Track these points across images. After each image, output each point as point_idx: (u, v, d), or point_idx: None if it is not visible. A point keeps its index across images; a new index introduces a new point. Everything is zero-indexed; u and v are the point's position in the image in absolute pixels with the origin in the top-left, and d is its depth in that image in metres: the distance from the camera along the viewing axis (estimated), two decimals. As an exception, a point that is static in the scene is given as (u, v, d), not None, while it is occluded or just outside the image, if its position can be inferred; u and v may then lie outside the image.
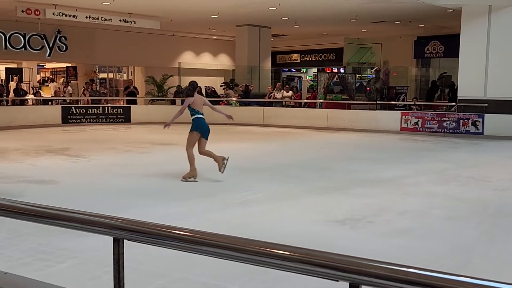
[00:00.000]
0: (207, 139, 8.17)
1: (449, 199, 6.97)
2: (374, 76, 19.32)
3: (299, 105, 19.13)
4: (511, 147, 12.95)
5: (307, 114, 17.75)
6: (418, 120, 15.49)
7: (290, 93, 19.01)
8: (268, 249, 1.63)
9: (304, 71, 28.88)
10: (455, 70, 16.43)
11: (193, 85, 8.39)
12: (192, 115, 8.29)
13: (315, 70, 26.95)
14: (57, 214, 1.77)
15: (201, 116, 8.35)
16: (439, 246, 4.97)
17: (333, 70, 24.36)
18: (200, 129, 8.16)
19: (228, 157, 8.01)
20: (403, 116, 15.76)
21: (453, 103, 15.96)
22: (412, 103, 17.17)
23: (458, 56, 15.40)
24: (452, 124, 15.02)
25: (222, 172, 7.92)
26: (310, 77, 26.33)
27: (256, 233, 4.98)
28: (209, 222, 5.54)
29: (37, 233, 4.72)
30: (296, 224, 5.63)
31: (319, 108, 18.10)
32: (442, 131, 15.10)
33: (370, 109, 17.18)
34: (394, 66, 22.13)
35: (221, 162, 7.93)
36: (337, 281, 1.53)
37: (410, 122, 15.59)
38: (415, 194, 7.30)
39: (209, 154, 8.10)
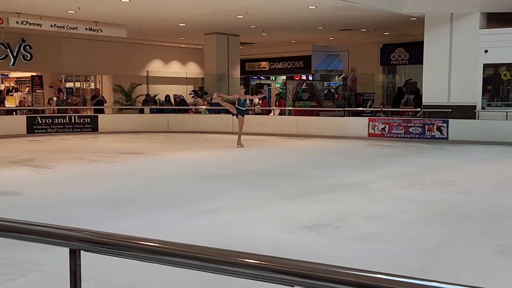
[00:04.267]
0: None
1: (414, 203, 7.11)
2: (341, 83, 19.61)
3: (267, 112, 19.22)
4: (474, 151, 13.29)
5: (276, 121, 17.86)
6: (385, 126, 15.75)
7: (260, 100, 19.09)
8: (235, 258, 1.63)
9: (273, 79, 29.06)
10: (420, 76, 16.80)
11: None
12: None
13: (284, 77, 27.15)
14: (11, 226, 1.75)
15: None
16: (404, 249, 5.06)
17: (302, 78, 24.60)
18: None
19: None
20: (371, 122, 16.02)
21: (419, 109, 16.31)
22: (379, 109, 17.45)
23: (422, 63, 15.76)
24: (417, 129, 15.33)
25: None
26: (279, 85, 26.50)
27: (224, 241, 4.99)
28: (177, 231, 5.51)
29: (0, 246, 4.61)
30: (264, 231, 5.65)
31: (288, 115, 18.23)
32: (408, 136, 15.40)
33: (338, 116, 17.39)
34: (361, 73, 22.49)
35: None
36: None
37: (377, 128, 15.84)
38: (381, 198, 7.42)
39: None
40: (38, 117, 16.94)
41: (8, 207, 6.72)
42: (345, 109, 17.50)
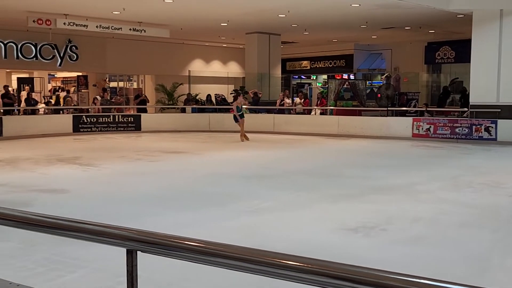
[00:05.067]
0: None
1: (462, 206, 6.88)
2: (384, 82, 19.26)
3: (309, 112, 19.10)
4: (524, 152, 12.81)
5: (317, 121, 17.70)
6: (430, 126, 15.37)
7: (302, 100, 18.99)
8: (279, 260, 1.60)
9: (314, 78, 28.86)
10: (466, 75, 16.29)
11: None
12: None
13: (325, 77, 26.93)
14: (69, 225, 1.75)
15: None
16: (452, 254, 4.90)
17: (343, 77, 24.32)
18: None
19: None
20: (415, 122, 15.66)
21: (465, 109, 15.83)
22: (424, 109, 17.05)
23: (469, 62, 15.29)
24: (464, 130, 14.89)
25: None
26: (320, 84, 26.30)
27: (267, 242, 4.95)
28: (220, 231, 5.50)
29: (50, 243, 4.69)
30: (308, 233, 5.58)
31: (330, 115, 18.04)
32: (455, 137, 14.97)
33: (381, 116, 17.09)
34: (404, 72, 22.04)
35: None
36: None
37: (422, 128, 15.47)
38: (428, 201, 7.22)
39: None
40: (84, 116, 17.33)
41: (56, 204, 6.87)
42: (388, 108, 17.17)
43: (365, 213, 6.44)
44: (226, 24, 18.18)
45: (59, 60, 20.53)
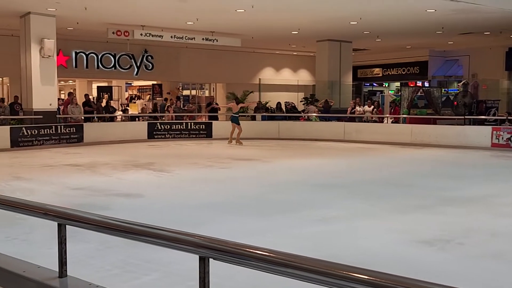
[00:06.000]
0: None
1: (548, 221, 6.46)
2: (461, 89, 18.51)
3: (381, 120, 18.70)
4: None
5: (390, 129, 17.29)
6: (511, 136, 14.59)
7: (371, 107, 18.64)
8: (350, 273, 1.55)
9: (387, 86, 28.25)
10: (551, 82, 15.35)
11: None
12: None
13: (398, 84, 26.29)
14: (145, 231, 1.80)
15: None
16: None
17: (417, 84, 23.63)
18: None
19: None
20: (494, 132, 14.91)
21: (550, 118, 14.91)
22: (505, 117, 16.21)
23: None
24: (549, 140, 14.01)
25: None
26: (393, 92, 25.70)
27: (337, 252, 4.87)
28: (289, 239, 5.48)
29: (125, 245, 4.86)
30: (380, 244, 5.43)
31: (403, 123, 17.57)
32: (538, 147, 14.12)
33: (457, 124, 16.43)
34: (483, 79, 21.08)
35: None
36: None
37: (502, 138, 14.71)
38: (508, 214, 6.85)
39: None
40: (158, 123, 17.91)
41: (131, 208, 7.12)
42: (466, 117, 16.48)
43: (440, 225, 6.20)
44: (297, 32, 18.20)
45: (136, 70, 21.38)
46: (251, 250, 1.61)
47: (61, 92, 26.75)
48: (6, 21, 15.72)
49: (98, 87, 24.80)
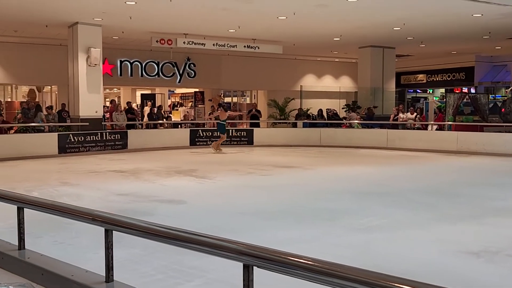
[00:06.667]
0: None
1: None
2: (510, 96, 17.95)
3: (425, 127, 18.33)
4: None
5: (434, 136, 16.91)
6: None
7: (414, 114, 18.31)
8: (394, 284, 1.52)
9: (431, 92, 27.70)
10: None
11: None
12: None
13: (442, 90, 25.74)
14: (191, 238, 1.82)
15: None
16: None
17: (463, 90, 23.05)
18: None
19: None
20: (545, 139, 14.37)
21: None
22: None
23: None
24: None
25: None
26: (437, 98, 25.16)
27: (381, 262, 4.79)
28: (331, 248, 5.43)
29: (169, 251, 4.92)
30: (425, 254, 5.31)
31: (448, 130, 17.17)
32: None
33: (506, 132, 15.92)
34: (533, 84, 20.38)
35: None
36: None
37: (553, 146, 14.16)
38: (562, 226, 6.57)
39: None
40: (200, 130, 18.11)
41: (174, 214, 7.21)
42: (514, 124, 15.96)
43: (487, 236, 6.01)
44: (339, 39, 18.09)
45: (179, 77, 21.71)
46: (297, 259, 1.60)
47: (106, 99, 27.47)
48: (55, 31, 16.28)
49: (141, 94, 25.32)
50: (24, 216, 4.08)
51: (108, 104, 20.20)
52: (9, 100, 21.96)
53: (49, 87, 22.85)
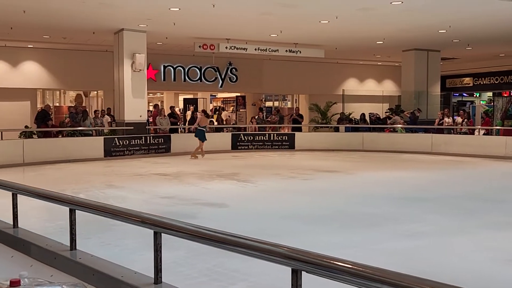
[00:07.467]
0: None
1: None
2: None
3: (471, 132, 17.86)
4: None
5: (481, 141, 16.46)
6: None
7: (461, 119, 17.88)
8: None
9: (478, 96, 26.97)
10: None
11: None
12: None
13: (490, 94, 25.02)
14: (238, 242, 1.84)
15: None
16: None
17: (512, 94, 22.35)
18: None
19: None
20: None
21: None
22: None
23: None
24: None
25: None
26: (484, 102, 24.49)
27: (427, 269, 4.71)
28: (377, 253, 5.36)
29: (212, 253, 4.98)
30: (471, 261, 5.19)
31: (496, 135, 16.67)
32: None
33: (557, 136, 15.34)
34: None
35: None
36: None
37: None
38: None
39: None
40: (241, 135, 18.23)
41: (217, 217, 7.29)
42: None
43: (539, 245, 5.81)
44: (382, 42, 17.86)
45: (221, 82, 21.91)
46: (346, 265, 1.60)
47: (150, 104, 28.00)
48: (102, 38, 16.73)
49: (184, 99, 25.68)
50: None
51: (151, 108, 20.55)
52: (57, 104, 22.67)
53: (96, 92, 23.48)
